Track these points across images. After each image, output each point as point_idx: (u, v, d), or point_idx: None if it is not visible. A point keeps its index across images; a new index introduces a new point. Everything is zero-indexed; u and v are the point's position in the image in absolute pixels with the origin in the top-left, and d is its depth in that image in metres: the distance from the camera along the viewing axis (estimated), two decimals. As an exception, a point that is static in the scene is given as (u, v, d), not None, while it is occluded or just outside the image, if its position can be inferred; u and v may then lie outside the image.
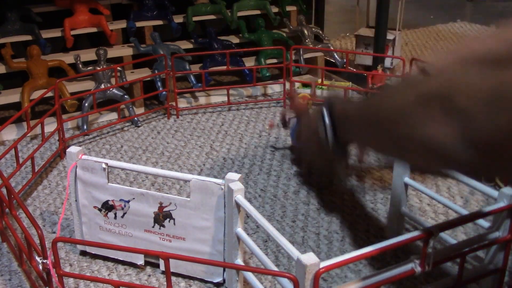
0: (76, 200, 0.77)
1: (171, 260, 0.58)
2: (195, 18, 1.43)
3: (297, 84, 1.39)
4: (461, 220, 0.63)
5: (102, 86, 1.23)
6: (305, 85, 1.39)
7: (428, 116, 0.48)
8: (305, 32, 1.52)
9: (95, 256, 0.80)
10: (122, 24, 1.36)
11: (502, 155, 0.44)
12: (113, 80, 1.25)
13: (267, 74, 1.41)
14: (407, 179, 0.76)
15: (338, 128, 0.70)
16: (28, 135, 1.12)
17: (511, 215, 0.64)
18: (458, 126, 0.45)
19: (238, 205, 0.66)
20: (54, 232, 0.86)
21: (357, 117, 0.65)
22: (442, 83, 0.48)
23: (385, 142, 0.59)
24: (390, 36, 1.51)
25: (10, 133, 1.20)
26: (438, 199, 0.74)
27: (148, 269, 0.77)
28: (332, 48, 1.54)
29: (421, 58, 1.66)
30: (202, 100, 1.40)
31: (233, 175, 0.67)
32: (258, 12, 1.52)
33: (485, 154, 0.45)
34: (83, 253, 0.80)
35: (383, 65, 1.46)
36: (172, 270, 0.62)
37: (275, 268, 0.61)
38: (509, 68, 0.44)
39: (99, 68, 1.23)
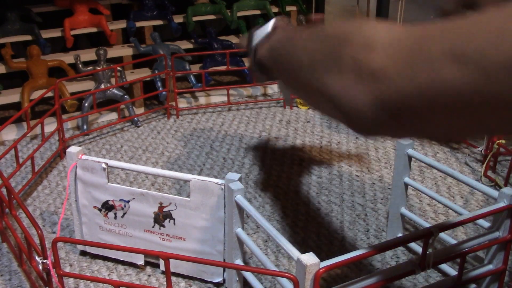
0: (76, 200, 0.77)
1: (171, 260, 0.58)
2: (195, 18, 1.43)
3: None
4: (461, 220, 0.63)
5: (102, 86, 1.23)
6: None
7: (340, 67, 0.44)
8: (305, 32, 1.52)
9: (95, 256, 0.80)
10: (122, 24, 1.36)
11: (417, 118, 0.41)
12: (113, 80, 1.25)
13: (267, 74, 1.41)
14: (407, 179, 0.76)
15: (262, 50, 0.66)
16: (28, 135, 1.12)
17: (511, 215, 0.64)
18: (372, 85, 0.42)
19: (238, 205, 0.66)
20: (54, 232, 0.86)
21: (278, 50, 0.62)
22: (364, 32, 0.44)
23: (296, 86, 0.56)
24: (390, 36, 1.51)
25: (10, 133, 1.20)
26: (438, 199, 0.74)
27: (148, 269, 0.77)
28: (332, 48, 1.54)
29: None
30: (202, 100, 1.40)
31: (233, 175, 0.67)
32: (258, 12, 1.52)
33: (398, 116, 0.42)
34: (83, 253, 0.80)
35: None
36: (172, 270, 0.62)
37: (275, 268, 0.61)
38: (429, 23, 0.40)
39: (99, 68, 1.23)
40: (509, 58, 0.34)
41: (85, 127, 1.20)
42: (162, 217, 0.73)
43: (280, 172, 1.04)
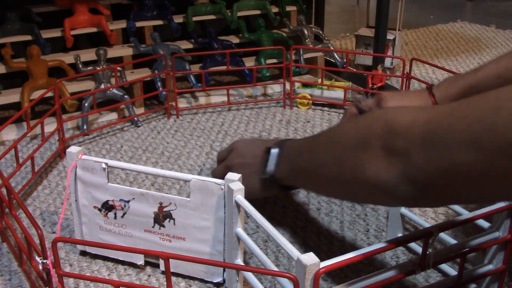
0: (76, 200, 0.77)
1: (171, 260, 0.58)
2: (195, 18, 1.43)
3: (297, 84, 1.39)
4: (461, 220, 0.63)
5: (102, 86, 1.23)
6: (305, 85, 1.39)
7: (371, 156, 0.51)
8: (305, 32, 1.52)
9: (95, 256, 0.80)
10: (122, 24, 1.36)
11: (441, 192, 0.47)
12: (113, 80, 1.25)
13: (267, 74, 1.41)
14: (407, 179, 0.76)
15: (280, 168, 0.72)
16: (28, 135, 1.12)
17: (511, 215, 0.64)
18: (399, 165, 0.48)
19: (238, 205, 0.66)
20: (54, 232, 0.86)
21: (298, 157, 0.68)
22: (383, 122, 0.51)
23: (328, 185, 0.61)
24: (390, 36, 1.51)
25: (10, 133, 1.20)
26: (438, 199, 0.74)
27: (148, 269, 0.77)
28: (332, 48, 1.54)
29: (421, 58, 1.66)
30: (202, 100, 1.40)
31: (233, 175, 0.67)
32: (258, 12, 1.52)
33: (425, 191, 0.48)
34: (83, 253, 0.80)
35: (383, 65, 1.46)
36: (172, 270, 0.62)
37: (275, 268, 0.61)
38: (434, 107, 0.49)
39: (99, 68, 1.23)
40: (506, 141, 0.39)
41: (85, 127, 1.20)
42: (162, 217, 0.73)
43: (280, 172, 1.04)
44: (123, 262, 0.78)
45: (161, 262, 0.75)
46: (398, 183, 0.49)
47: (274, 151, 0.73)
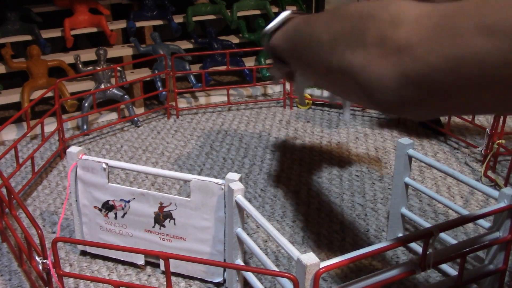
0: (76, 200, 0.77)
1: (171, 260, 0.58)
2: (195, 18, 1.43)
3: (297, 84, 1.39)
4: (461, 220, 0.63)
5: (102, 86, 1.23)
6: (305, 85, 1.39)
7: (364, 43, 0.44)
8: (305, 32, 1.52)
9: (95, 256, 0.80)
10: (122, 24, 1.36)
11: (440, 94, 0.41)
12: (113, 80, 1.25)
13: (267, 74, 1.41)
14: (407, 179, 0.76)
15: (277, 34, 0.65)
16: (28, 135, 1.12)
17: (511, 215, 0.64)
18: (397, 59, 0.42)
19: (238, 205, 0.66)
20: (54, 232, 0.86)
21: (295, 32, 0.61)
22: (390, 10, 0.44)
23: (308, 67, 0.55)
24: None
25: (10, 133, 1.20)
26: (438, 199, 0.74)
27: (148, 269, 0.77)
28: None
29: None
30: (202, 100, 1.40)
31: (233, 175, 0.67)
32: (258, 12, 1.52)
33: (422, 91, 0.41)
34: (83, 253, 0.80)
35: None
36: (172, 270, 0.62)
37: (275, 268, 0.61)
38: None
39: (99, 68, 1.23)
40: None
41: (85, 127, 1.20)
42: (162, 217, 0.73)
43: (280, 172, 1.04)
44: (123, 262, 0.78)
45: (161, 262, 0.75)
46: (388, 79, 0.42)
47: (285, 13, 0.66)
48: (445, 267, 0.74)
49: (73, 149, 0.74)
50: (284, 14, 0.66)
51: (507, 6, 0.36)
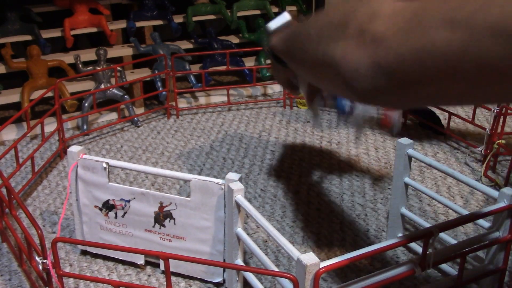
0: (77, 200, 0.77)
1: (171, 260, 0.58)
2: (195, 18, 1.43)
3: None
4: (461, 220, 0.63)
5: (102, 86, 1.23)
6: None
7: (345, 35, 0.47)
8: (305, 32, 1.52)
9: (95, 256, 0.80)
10: (122, 24, 1.36)
11: (411, 83, 0.43)
12: (113, 80, 1.25)
13: (267, 74, 1.41)
14: (407, 179, 0.76)
15: (277, 37, 0.67)
16: (28, 135, 1.12)
17: (511, 215, 0.64)
18: (372, 50, 0.44)
19: (238, 205, 0.66)
20: (54, 232, 0.86)
21: (291, 36, 0.63)
22: (368, 7, 0.47)
23: (301, 64, 0.58)
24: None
25: (10, 133, 1.20)
26: (438, 199, 0.74)
27: (148, 269, 0.77)
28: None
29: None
30: (202, 100, 1.40)
31: (233, 175, 0.67)
32: (258, 12, 1.52)
33: (393, 80, 0.44)
34: (84, 253, 0.80)
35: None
36: (172, 270, 0.62)
37: (275, 268, 0.61)
38: None
39: (99, 68, 1.24)
40: (495, 22, 0.36)
41: (85, 127, 1.20)
42: (162, 216, 0.73)
43: (280, 172, 1.04)
44: (123, 262, 0.78)
45: (161, 262, 0.75)
46: (363, 67, 0.45)
47: (286, 15, 0.69)
48: (445, 267, 0.74)
49: (73, 149, 0.74)
50: (286, 18, 0.69)
51: (466, 1, 0.38)
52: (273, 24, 0.68)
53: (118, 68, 1.24)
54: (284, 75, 0.74)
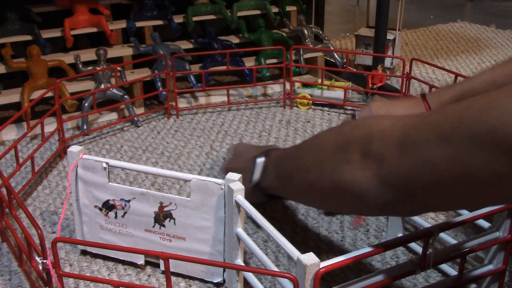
0: (77, 200, 0.77)
1: (171, 260, 0.58)
2: (195, 18, 1.43)
3: (297, 84, 1.39)
4: (461, 220, 0.63)
5: (102, 86, 1.23)
6: (305, 85, 1.39)
7: (348, 159, 0.52)
8: (305, 32, 1.52)
9: (95, 256, 0.80)
10: (122, 24, 1.36)
11: (416, 195, 0.47)
12: (113, 80, 1.25)
13: (267, 74, 1.41)
14: (407, 179, 0.76)
15: (265, 177, 0.72)
16: (28, 135, 1.12)
17: (511, 215, 0.64)
18: (376, 169, 0.49)
19: (238, 205, 0.66)
20: (54, 232, 0.86)
21: (282, 165, 0.69)
22: (360, 129, 0.52)
23: (307, 192, 0.62)
24: (390, 36, 1.51)
25: (10, 133, 1.20)
26: (438, 199, 0.74)
27: (148, 269, 0.77)
28: (332, 48, 1.54)
29: (421, 58, 1.66)
30: (202, 100, 1.40)
31: (233, 175, 0.67)
32: (258, 12, 1.52)
33: (400, 194, 0.48)
34: (83, 253, 0.80)
35: (383, 65, 1.46)
36: (172, 270, 0.62)
37: (275, 268, 0.61)
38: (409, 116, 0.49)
39: (99, 68, 1.24)
40: (472, 133, 0.40)
41: (85, 127, 1.20)
42: (162, 216, 0.73)
43: (280, 172, 1.04)
44: (123, 262, 0.78)
45: (161, 262, 0.75)
46: (373, 187, 0.49)
47: (260, 160, 0.74)
48: (445, 267, 0.74)
49: (73, 149, 0.74)
50: (259, 162, 0.74)
51: (459, 113, 0.42)
52: (255, 177, 0.73)
53: (118, 68, 1.24)
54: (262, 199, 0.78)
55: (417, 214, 0.63)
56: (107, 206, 0.75)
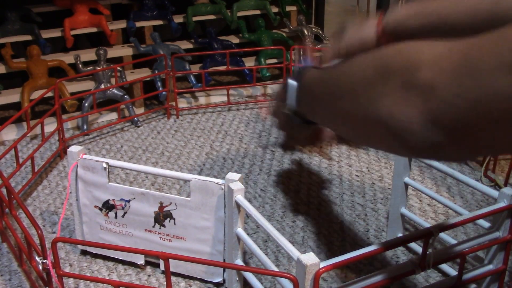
0: (77, 200, 0.77)
1: (171, 260, 0.58)
2: (195, 18, 1.43)
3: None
4: (461, 220, 0.63)
5: (102, 86, 1.23)
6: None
7: (387, 92, 0.44)
8: (305, 32, 1.52)
9: (95, 256, 0.80)
10: (122, 24, 1.36)
11: (471, 135, 0.40)
12: (113, 80, 1.25)
13: (267, 74, 1.41)
14: (407, 179, 0.76)
15: (300, 102, 0.64)
16: (28, 135, 1.12)
17: (511, 215, 0.64)
18: (422, 104, 0.41)
19: (238, 205, 0.66)
20: (54, 232, 0.86)
21: (315, 89, 0.59)
22: (404, 55, 0.43)
23: (342, 122, 0.54)
24: (390, 36, 1.51)
25: (10, 133, 1.20)
26: (438, 199, 0.74)
27: (148, 269, 0.77)
28: (332, 48, 1.53)
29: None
30: (202, 100, 1.40)
31: (233, 175, 0.67)
32: (258, 12, 1.52)
33: (451, 134, 0.40)
34: (83, 253, 0.80)
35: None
36: (172, 270, 0.62)
37: (275, 268, 0.61)
38: (475, 35, 0.39)
39: (99, 68, 1.24)
40: None
41: (85, 127, 1.20)
42: (162, 216, 0.73)
43: (280, 172, 1.04)
44: (123, 262, 0.78)
45: (161, 262, 0.75)
46: (417, 125, 0.41)
47: (292, 83, 0.65)
48: (445, 267, 0.74)
49: (73, 149, 0.74)
50: (292, 85, 0.65)
51: None
52: (290, 101, 0.65)
53: (118, 68, 1.24)
54: (308, 131, 0.70)
55: (467, 159, 0.55)
56: (107, 206, 0.75)
